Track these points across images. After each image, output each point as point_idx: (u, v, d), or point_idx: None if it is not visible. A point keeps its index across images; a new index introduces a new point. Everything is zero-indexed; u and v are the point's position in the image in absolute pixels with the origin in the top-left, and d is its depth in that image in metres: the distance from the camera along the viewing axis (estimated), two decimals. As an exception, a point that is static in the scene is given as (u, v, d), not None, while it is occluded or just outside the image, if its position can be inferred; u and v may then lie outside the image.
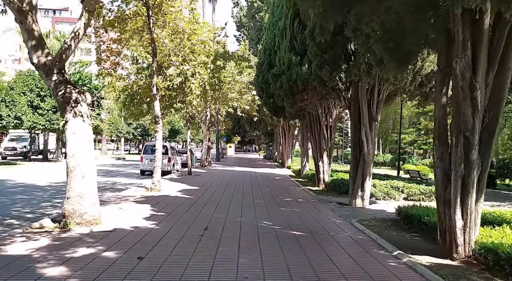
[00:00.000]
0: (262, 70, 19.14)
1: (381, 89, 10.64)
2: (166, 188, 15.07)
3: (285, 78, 13.97)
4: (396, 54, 6.01)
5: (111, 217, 8.48)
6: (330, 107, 15.27)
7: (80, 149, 7.85)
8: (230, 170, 28.39)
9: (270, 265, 5.32)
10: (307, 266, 5.36)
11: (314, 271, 5.12)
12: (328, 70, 10.31)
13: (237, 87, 28.57)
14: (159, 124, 14.62)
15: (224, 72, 24.53)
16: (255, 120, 33.55)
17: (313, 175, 18.06)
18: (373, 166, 37.01)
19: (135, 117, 22.08)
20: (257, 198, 12.70)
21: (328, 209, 10.52)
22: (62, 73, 8.25)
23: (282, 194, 13.96)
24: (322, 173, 15.65)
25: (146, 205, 10.42)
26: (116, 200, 11.35)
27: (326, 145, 15.54)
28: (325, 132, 15.44)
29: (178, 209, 9.90)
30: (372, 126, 10.76)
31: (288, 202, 11.84)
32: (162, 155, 24.40)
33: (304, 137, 20.13)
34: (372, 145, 10.76)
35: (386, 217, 9.20)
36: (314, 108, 15.16)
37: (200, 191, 14.23)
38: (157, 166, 14.42)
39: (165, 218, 8.71)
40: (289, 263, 5.43)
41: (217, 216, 9.11)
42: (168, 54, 15.38)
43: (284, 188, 16.11)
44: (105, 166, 30.67)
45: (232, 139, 63.65)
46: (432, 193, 12.62)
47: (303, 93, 14.01)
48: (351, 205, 11.02)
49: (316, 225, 8.31)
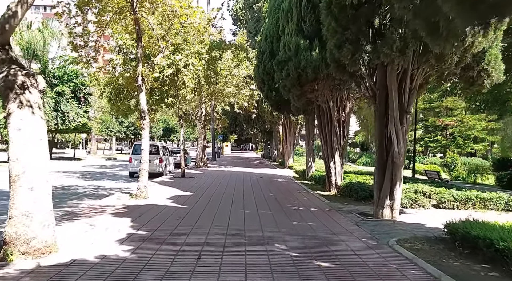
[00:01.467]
0: (263, 60, 17.11)
1: (414, 74, 8.64)
2: (154, 194, 13.03)
3: (292, 65, 11.96)
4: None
5: (74, 241, 6.43)
6: (343, 100, 13.27)
7: (27, 151, 5.79)
8: (228, 170, 26.35)
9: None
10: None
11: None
12: (349, 51, 8.29)
13: (234, 82, 26.55)
14: (145, 121, 12.54)
15: (220, 64, 22.54)
16: (253, 117, 31.50)
17: (322, 177, 16.08)
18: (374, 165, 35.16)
19: (122, 114, 19.99)
20: (261, 206, 10.68)
21: (351, 223, 8.52)
22: (5, 49, 6.15)
23: (290, 201, 11.95)
24: (333, 175, 13.65)
25: (125, 219, 8.37)
26: (90, 212, 9.29)
27: (338, 143, 13.55)
28: (337, 129, 13.45)
29: (165, 225, 7.86)
30: (403, 120, 8.77)
31: (300, 213, 9.82)
32: (153, 155, 22.38)
33: (310, 135, 18.14)
34: (404, 143, 8.77)
35: (430, 235, 7.22)
36: (325, 101, 13.16)
37: (193, 198, 12.19)
38: (143, 169, 12.37)
39: (147, 239, 6.67)
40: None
41: (213, 235, 7.08)
42: (156, 40, 13.30)
43: (290, 193, 14.10)
44: (92, 167, 28.55)
45: (228, 138, 61.60)
46: (469, 199, 10.67)
47: (313, 82, 12.01)
48: (377, 217, 9.04)
49: (345, 249, 6.31)
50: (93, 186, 16.45)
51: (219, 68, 22.09)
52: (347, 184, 12.65)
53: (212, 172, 24.89)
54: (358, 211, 9.96)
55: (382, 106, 9.14)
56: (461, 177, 22.92)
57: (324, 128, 13.80)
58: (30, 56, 28.64)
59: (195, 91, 21.11)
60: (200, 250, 6.05)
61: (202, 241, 6.58)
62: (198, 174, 22.67)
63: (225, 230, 7.56)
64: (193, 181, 18.22)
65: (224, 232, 7.32)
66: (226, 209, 10.06)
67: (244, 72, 25.85)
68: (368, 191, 11.70)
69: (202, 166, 28.78)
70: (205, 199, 12.08)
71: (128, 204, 10.71)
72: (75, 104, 30.94)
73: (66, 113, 29.79)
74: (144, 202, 11.25)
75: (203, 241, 6.61)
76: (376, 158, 9.35)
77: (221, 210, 9.89)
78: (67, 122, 29.85)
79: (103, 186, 16.73)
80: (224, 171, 26.03)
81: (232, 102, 28.65)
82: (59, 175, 21.14)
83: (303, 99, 13.40)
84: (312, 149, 18.46)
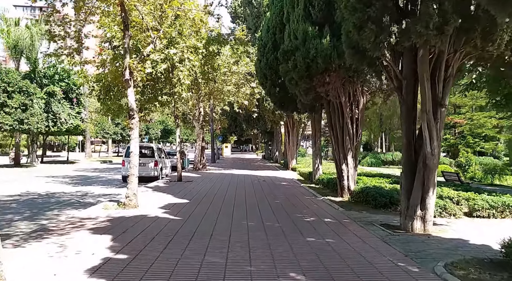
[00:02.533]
0: (265, 53, 15.69)
1: (451, 59, 7.21)
2: (146, 201, 11.60)
3: (300, 55, 10.53)
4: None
5: (31, 272, 4.99)
6: (356, 94, 11.84)
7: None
8: (228, 173, 24.90)
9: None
10: None
11: None
12: (372, 32, 6.85)
13: (234, 79, 25.13)
14: (134, 120, 11.11)
15: (218, 60, 21.13)
16: (254, 117, 30.06)
17: (331, 181, 14.65)
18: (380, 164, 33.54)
19: (113, 114, 18.55)
20: (267, 217, 9.23)
21: (377, 238, 7.08)
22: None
23: (299, 209, 10.51)
24: (346, 179, 12.22)
25: (105, 238, 6.93)
26: (66, 227, 7.86)
27: (351, 143, 12.12)
28: (350, 127, 12.01)
29: (152, 245, 6.42)
30: (437, 115, 7.33)
31: (312, 224, 8.38)
32: (148, 158, 20.93)
33: (317, 134, 16.71)
34: (438, 141, 7.34)
35: (482, 256, 5.78)
36: (336, 96, 11.73)
37: (190, 207, 10.74)
38: (132, 174, 10.93)
39: (126, 267, 5.23)
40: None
41: (211, 259, 5.64)
42: (145, 29, 11.88)
43: (298, 199, 12.66)
44: (85, 171, 27.11)
45: (228, 139, 60.17)
46: (507, 206, 9.23)
47: (323, 74, 10.58)
48: (406, 230, 7.59)
49: (379, 280, 4.87)
50: (81, 193, 15.03)
51: (217, 64, 20.69)
52: (363, 189, 11.21)
53: (211, 175, 23.45)
54: (380, 222, 8.52)
55: (409, 99, 7.71)
56: (477, 177, 21.53)
57: (335, 126, 12.38)
58: (18, 55, 27.20)
59: (191, 89, 19.72)
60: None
61: (196, 269, 5.14)
62: (196, 177, 21.23)
63: (226, 250, 6.12)
64: (190, 185, 16.78)
65: (224, 255, 5.87)
66: (227, 221, 8.61)
67: (244, 69, 24.45)
68: (388, 197, 10.26)
69: (200, 168, 27.34)
70: (203, 207, 10.63)
71: (113, 215, 9.27)
72: (67, 105, 29.48)
73: (58, 114, 28.33)
74: (133, 212, 9.81)
75: (198, 268, 5.17)
76: (402, 160, 7.91)
77: (221, 222, 8.45)
78: (59, 124, 28.40)
79: (91, 192, 15.30)
80: (224, 173, 24.58)
81: (231, 101, 27.23)
82: (46, 180, 19.72)
83: (311, 94, 11.97)
84: (319, 149, 17.03)
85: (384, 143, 60.46)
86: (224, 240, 6.82)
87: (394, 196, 10.28)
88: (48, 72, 29.62)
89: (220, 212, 9.79)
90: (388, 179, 14.34)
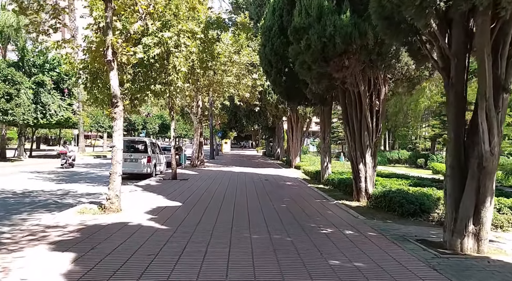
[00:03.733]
0: (270, 38, 13.99)
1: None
2: (131, 203, 9.99)
3: (315, 33, 8.84)
4: None
5: None
6: (377, 83, 10.17)
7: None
8: (227, 170, 23.26)
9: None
10: None
11: None
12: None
13: (235, 70, 23.44)
14: (118, 109, 9.44)
15: (217, 47, 19.45)
16: (256, 111, 28.36)
17: (343, 182, 13.02)
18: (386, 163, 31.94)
19: (101, 104, 16.83)
20: (274, 226, 7.59)
21: (420, 261, 5.43)
22: None
23: (311, 216, 8.87)
24: (363, 180, 10.58)
25: (65, 257, 5.28)
26: (23, 238, 6.22)
27: (370, 139, 10.47)
28: (369, 121, 10.36)
29: (124, 271, 4.78)
30: (499, 103, 5.68)
31: (331, 238, 6.74)
32: (140, 153, 19.26)
33: (326, 129, 15.06)
34: (499, 138, 5.68)
35: None
36: (354, 84, 10.06)
37: (182, 211, 9.10)
38: (114, 172, 9.29)
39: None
40: None
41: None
42: (133, 3, 10.17)
43: (307, 202, 11.02)
44: (76, 166, 25.41)
45: (228, 134, 58.52)
46: None
47: (342, 56, 8.90)
48: (453, 249, 5.94)
49: None
50: (62, 191, 13.39)
51: (216, 52, 19.00)
52: (385, 193, 9.55)
53: (209, 172, 21.79)
54: (415, 236, 6.87)
55: (460, 82, 6.05)
56: (496, 179, 19.83)
57: (351, 120, 10.72)
58: (4, 41, 25.47)
59: (188, 77, 18.02)
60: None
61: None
62: (192, 175, 19.58)
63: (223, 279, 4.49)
64: (185, 184, 15.13)
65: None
66: (225, 232, 6.97)
67: (246, 59, 22.75)
68: (417, 204, 8.61)
69: (198, 165, 25.69)
70: (197, 212, 8.99)
71: (87, 223, 7.63)
72: (57, 96, 27.75)
73: (47, 106, 26.63)
74: (112, 218, 8.17)
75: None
76: (448, 160, 6.25)
77: (218, 234, 6.81)
78: (48, 116, 26.70)
79: (74, 191, 13.67)
80: (223, 171, 22.93)
81: (232, 94, 25.54)
82: (29, 176, 18.08)
83: (324, 81, 10.31)
84: (328, 146, 15.37)
85: (388, 140, 58.75)
86: (221, 262, 5.18)
87: (425, 202, 8.65)
88: (38, 61, 27.87)
89: (217, 220, 8.14)
90: (407, 180, 12.71)
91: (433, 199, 8.91)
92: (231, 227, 7.48)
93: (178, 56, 14.83)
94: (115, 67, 9.45)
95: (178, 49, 14.55)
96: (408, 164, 35.97)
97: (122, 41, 9.57)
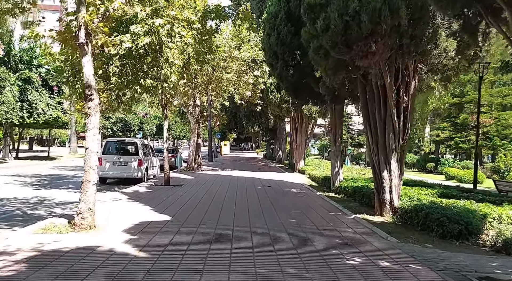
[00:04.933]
0: (276, 26, 12.32)
1: None
2: (109, 218, 8.27)
3: (335, 10, 7.13)
4: None
5: None
6: (407, 74, 8.47)
7: None
8: (226, 175, 21.52)
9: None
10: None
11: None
12: None
13: (235, 67, 21.77)
14: (93, 102, 7.72)
15: (216, 40, 17.76)
16: (257, 110, 26.65)
17: (359, 191, 11.33)
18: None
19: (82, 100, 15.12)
20: (286, 255, 5.85)
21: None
22: None
23: (328, 236, 7.15)
24: (388, 191, 8.86)
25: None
26: None
27: (396, 141, 8.77)
28: (396, 120, 8.65)
29: None
30: None
31: (364, 274, 5.02)
32: (130, 156, 17.50)
33: (337, 130, 13.36)
34: None
35: None
36: (379, 75, 8.36)
37: (167, 232, 7.34)
38: (87, 181, 7.56)
39: None
40: None
41: None
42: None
43: (320, 216, 9.30)
44: (63, 169, 23.71)
45: (227, 136, 56.78)
46: None
47: (368, 39, 7.19)
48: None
49: None
50: (37, 199, 11.68)
51: (215, 45, 17.30)
52: (417, 208, 7.84)
53: (206, 176, 20.08)
54: (475, 273, 5.16)
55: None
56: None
57: (373, 118, 9.02)
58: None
59: (183, 72, 16.30)
60: None
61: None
62: (188, 180, 17.86)
63: None
64: (178, 191, 13.41)
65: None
66: (222, 266, 5.24)
67: (247, 54, 21.06)
68: (463, 224, 6.89)
69: (195, 168, 23.95)
70: (189, 231, 7.27)
71: (45, 247, 5.91)
72: (45, 94, 26.02)
73: (34, 104, 24.91)
74: (81, 239, 6.45)
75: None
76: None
77: (212, 269, 5.08)
78: (35, 115, 24.97)
79: (52, 198, 11.98)
80: (221, 175, 21.20)
81: (231, 93, 23.84)
82: (7, 180, 16.37)
83: (342, 72, 8.65)
84: (339, 149, 13.66)
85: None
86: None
87: (472, 221, 6.93)
88: (25, 56, 26.17)
89: (211, 245, 6.39)
90: (433, 190, 10.98)
91: (479, 217, 7.21)
92: (230, 256, 5.75)
93: (171, 47, 13.18)
94: (89, 52, 7.74)
95: (171, 40, 12.91)
96: (416, 168, 34.27)
97: (99, 21, 7.86)
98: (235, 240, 6.62)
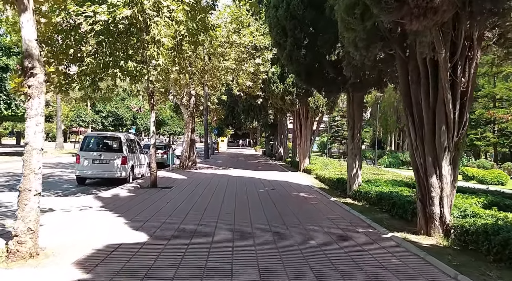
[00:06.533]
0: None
1: None
2: (64, 238, 6.06)
3: None
4: None
5: None
6: (468, 46, 6.26)
7: None
8: (223, 174, 19.31)
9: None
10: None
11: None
12: None
13: (234, 54, 19.52)
14: (35, 79, 5.48)
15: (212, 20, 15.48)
16: (258, 103, 24.41)
17: (386, 198, 9.15)
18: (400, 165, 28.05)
19: (57, 87, 12.86)
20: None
21: None
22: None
23: (365, 272, 4.97)
24: (438, 202, 6.68)
25: None
26: None
27: (450, 137, 6.58)
28: (450, 108, 6.45)
29: None
30: None
31: None
32: (112, 153, 15.22)
33: (356, 124, 11.16)
34: None
35: None
36: (430, 47, 6.15)
37: (138, 264, 5.11)
38: (27, 190, 5.35)
39: None
40: None
41: None
42: None
43: (347, 235, 7.10)
44: (45, 166, 21.33)
45: (224, 132, 54.46)
46: None
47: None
48: None
49: None
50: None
51: (211, 25, 15.04)
52: (487, 229, 5.65)
53: (201, 176, 17.85)
54: None
55: None
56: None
57: (419, 107, 6.82)
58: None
59: (174, 55, 14.03)
60: None
61: None
62: (179, 180, 15.63)
63: None
64: (166, 196, 11.20)
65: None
66: None
67: (247, 39, 18.81)
68: None
69: (189, 166, 21.72)
70: (168, 263, 5.05)
71: None
72: (26, 84, 23.68)
73: (12, 95, 22.57)
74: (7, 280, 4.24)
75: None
76: None
77: None
78: (13, 107, 22.64)
79: (11, 204, 9.76)
80: (217, 175, 18.97)
81: (229, 84, 21.60)
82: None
83: (377, 44, 6.43)
84: (358, 146, 11.45)
85: (396, 140, 54.88)
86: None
87: None
88: (4, 42, 23.78)
89: None
90: (479, 198, 8.82)
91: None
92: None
93: (158, 22, 10.91)
94: (30, 8, 5.49)
95: (158, 14, 10.67)
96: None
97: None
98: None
